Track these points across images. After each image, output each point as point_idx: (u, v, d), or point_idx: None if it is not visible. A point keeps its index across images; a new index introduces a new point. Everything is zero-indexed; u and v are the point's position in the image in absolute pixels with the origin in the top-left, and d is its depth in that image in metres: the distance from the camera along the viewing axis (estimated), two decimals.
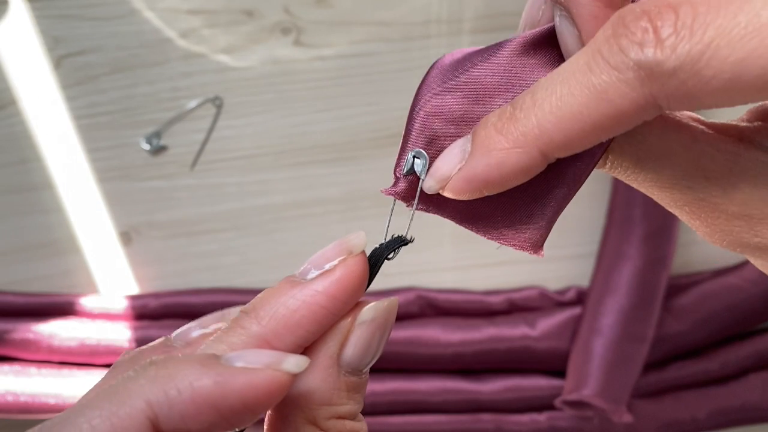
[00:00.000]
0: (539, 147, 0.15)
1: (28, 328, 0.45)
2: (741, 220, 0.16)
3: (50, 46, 0.46)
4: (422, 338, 0.44)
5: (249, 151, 0.46)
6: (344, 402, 0.17)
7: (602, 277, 0.43)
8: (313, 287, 0.17)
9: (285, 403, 0.16)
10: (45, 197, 0.47)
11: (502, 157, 0.16)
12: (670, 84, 0.14)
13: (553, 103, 0.15)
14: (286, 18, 0.45)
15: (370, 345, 0.17)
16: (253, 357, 0.15)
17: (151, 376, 0.14)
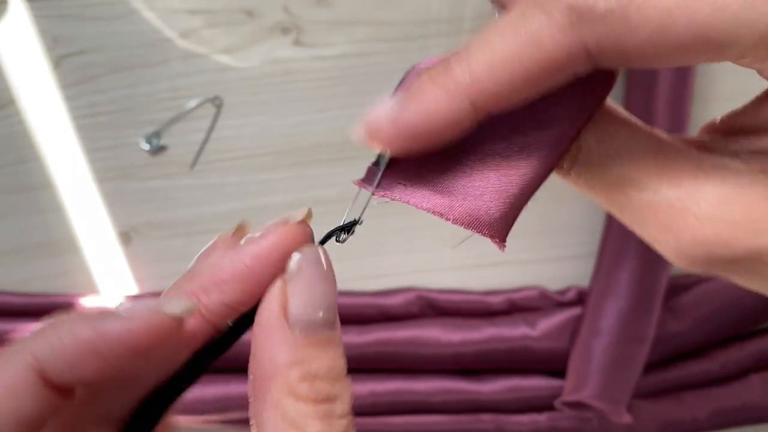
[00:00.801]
0: (470, 96, 0.15)
1: (28, 328, 0.45)
2: (714, 226, 0.15)
3: (50, 46, 0.45)
4: (422, 338, 0.44)
5: (249, 151, 0.46)
6: (311, 359, 0.16)
7: (603, 278, 0.43)
8: (241, 248, 0.17)
9: (259, 382, 0.16)
10: (44, 197, 0.47)
11: (431, 105, 0.15)
12: (599, 29, 0.14)
13: (486, 52, 0.15)
14: (286, 18, 0.45)
15: (311, 294, 0.16)
16: (139, 305, 0.16)
17: (38, 333, 0.15)
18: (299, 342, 0.16)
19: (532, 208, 0.53)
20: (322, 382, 0.16)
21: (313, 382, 0.16)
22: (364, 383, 0.44)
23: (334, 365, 0.16)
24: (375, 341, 0.44)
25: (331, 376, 0.16)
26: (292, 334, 0.16)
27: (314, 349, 0.16)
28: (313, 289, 0.16)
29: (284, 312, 0.16)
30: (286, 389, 0.16)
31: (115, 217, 0.47)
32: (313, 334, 0.16)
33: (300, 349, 0.16)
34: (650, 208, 0.16)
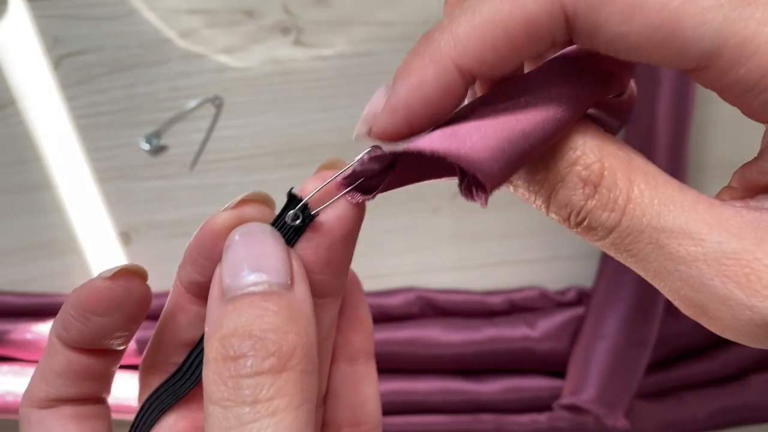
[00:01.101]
0: (454, 59, 0.15)
1: (28, 328, 0.45)
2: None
3: (50, 46, 0.46)
4: (422, 339, 0.44)
5: (249, 151, 0.46)
6: (228, 321, 0.15)
7: (606, 281, 0.43)
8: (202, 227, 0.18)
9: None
10: (44, 197, 0.47)
11: (420, 76, 0.15)
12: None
13: (470, 15, 0.15)
14: (285, 18, 0.45)
15: (235, 261, 0.16)
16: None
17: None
18: (221, 308, 0.16)
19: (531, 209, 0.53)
20: (230, 339, 0.15)
21: (221, 342, 0.15)
22: None
23: (249, 322, 0.15)
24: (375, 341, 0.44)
25: (243, 332, 0.15)
26: (221, 302, 0.16)
27: (234, 311, 0.16)
28: (237, 256, 0.16)
29: (219, 289, 0.16)
30: (205, 358, 0.16)
31: (115, 217, 0.47)
32: (234, 296, 0.16)
33: (220, 315, 0.16)
34: (712, 262, 0.14)
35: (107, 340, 0.18)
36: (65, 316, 0.18)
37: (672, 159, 0.42)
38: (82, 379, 0.18)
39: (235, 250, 0.17)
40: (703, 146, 0.47)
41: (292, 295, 0.16)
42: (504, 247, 0.47)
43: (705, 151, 0.47)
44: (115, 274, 0.17)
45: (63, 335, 0.18)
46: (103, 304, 0.17)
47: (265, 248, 0.16)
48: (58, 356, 0.18)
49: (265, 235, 0.17)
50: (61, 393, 0.18)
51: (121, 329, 0.18)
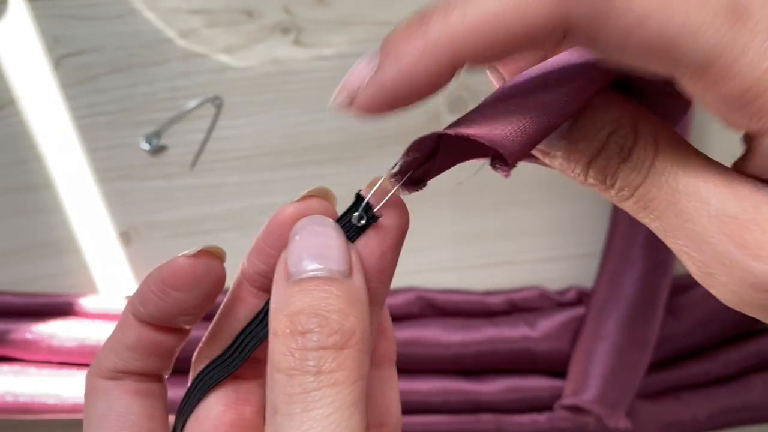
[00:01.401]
0: (448, 51, 0.15)
1: (28, 328, 0.45)
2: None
3: (50, 46, 0.46)
4: (422, 339, 0.44)
5: (249, 151, 0.47)
6: (294, 300, 0.17)
7: (607, 282, 0.43)
8: (269, 221, 0.20)
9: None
10: (44, 197, 0.47)
11: (412, 64, 0.15)
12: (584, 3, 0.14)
13: (470, 7, 0.15)
14: (286, 18, 0.45)
15: (302, 248, 0.18)
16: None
17: None
18: (288, 288, 0.17)
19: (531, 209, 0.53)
20: (298, 316, 0.17)
21: (290, 318, 0.17)
22: None
23: (315, 302, 0.17)
24: None
25: (309, 311, 0.17)
26: (287, 283, 0.18)
27: (300, 291, 0.17)
28: (303, 245, 0.18)
29: (285, 271, 0.18)
30: (272, 332, 0.17)
31: (115, 217, 0.47)
32: (299, 278, 0.17)
33: (288, 294, 0.17)
34: (714, 220, 0.16)
35: (181, 317, 0.20)
36: (144, 292, 0.19)
37: None
38: (150, 354, 0.20)
39: (301, 237, 0.18)
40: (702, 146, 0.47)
41: (351, 283, 0.18)
42: (504, 247, 0.47)
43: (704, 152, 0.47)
44: (197, 253, 0.19)
45: (139, 310, 0.20)
46: (184, 279, 0.19)
47: (329, 239, 0.18)
48: (131, 331, 0.20)
49: (329, 227, 0.19)
50: (129, 366, 0.20)
51: (196, 306, 0.20)
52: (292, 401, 0.16)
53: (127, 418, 0.20)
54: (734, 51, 0.14)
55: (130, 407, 0.20)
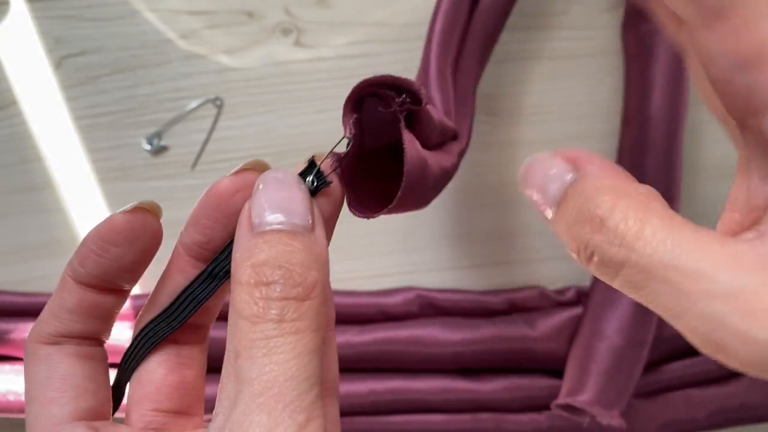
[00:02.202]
0: None
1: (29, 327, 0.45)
2: None
3: (51, 47, 0.46)
4: (422, 338, 0.44)
5: (249, 151, 0.47)
6: (259, 252, 0.18)
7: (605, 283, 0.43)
8: (208, 190, 0.21)
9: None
10: (46, 197, 0.47)
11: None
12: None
13: None
14: (286, 19, 0.46)
15: (266, 200, 0.19)
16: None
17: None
18: (252, 239, 0.18)
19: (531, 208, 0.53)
20: (263, 268, 0.17)
21: (254, 269, 0.17)
22: (364, 382, 0.44)
23: (279, 255, 0.17)
24: (375, 341, 0.44)
25: (274, 263, 0.17)
26: (251, 234, 0.18)
27: (264, 243, 0.18)
28: (268, 197, 0.19)
29: (248, 223, 0.18)
30: (235, 280, 0.18)
31: None
32: (263, 230, 0.18)
33: (251, 245, 0.18)
34: (728, 299, 0.15)
35: (120, 275, 0.20)
36: (83, 252, 0.20)
37: (665, 160, 0.42)
38: (90, 316, 0.20)
39: (265, 188, 0.19)
40: (696, 148, 0.47)
41: (314, 237, 0.18)
42: (503, 247, 0.48)
43: (698, 153, 0.47)
44: (134, 209, 0.20)
45: (78, 271, 0.20)
46: (121, 234, 0.20)
47: (292, 193, 0.19)
48: (71, 294, 0.20)
49: (293, 181, 0.19)
50: (69, 329, 0.20)
51: (134, 262, 0.20)
52: (254, 346, 0.17)
53: (71, 380, 0.20)
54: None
55: (72, 369, 0.20)
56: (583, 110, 0.46)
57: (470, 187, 0.47)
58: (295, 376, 0.16)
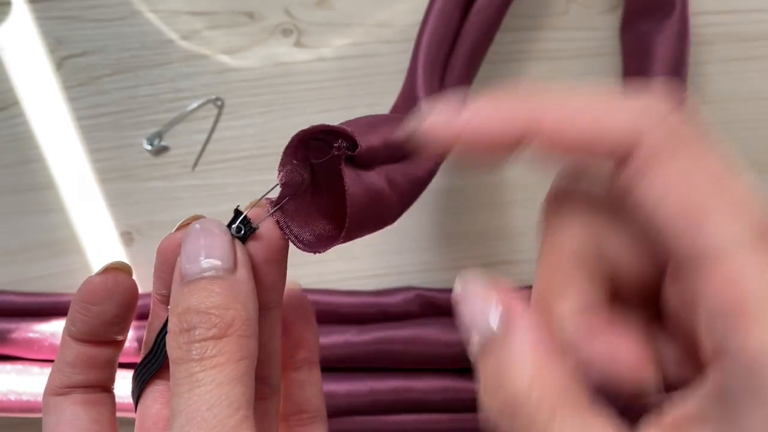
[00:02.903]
0: (528, 124, 0.17)
1: (30, 327, 0.45)
2: None
3: (52, 48, 0.46)
4: (422, 337, 0.44)
5: (250, 151, 0.47)
6: (184, 300, 0.20)
7: None
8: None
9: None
10: (47, 197, 0.47)
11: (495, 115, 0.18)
12: None
13: (569, 101, 0.17)
14: (286, 19, 0.46)
15: (188, 252, 0.21)
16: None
17: None
18: (179, 291, 0.20)
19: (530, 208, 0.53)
20: (185, 315, 0.20)
21: (179, 317, 0.20)
22: (363, 382, 0.44)
23: (198, 302, 0.20)
24: (375, 340, 0.44)
25: (193, 310, 0.19)
26: (180, 286, 0.20)
27: (187, 292, 0.20)
28: (189, 249, 0.21)
29: (179, 274, 0.21)
30: (169, 329, 0.20)
31: (117, 217, 0.47)
32: (189, 280, 0.20)
33: (178, 296, 0.20)
34: None
35: (106, 328, 0.23)
36: (72, 313, 0.22)
37: None
38: (90, 367, 0.23)
39: (188, 241, 0.21)
40: None
41: (234, 278, 0.20)
42: (503, 247, 0.48)
43: None
44: (104, 270, 0.23)
45: (71, 330, 0.23)
46: (98, 294, 0.22)
47: (214, 239, 0.21)
48: (69, 349, 0.23)
49: (213, 228, 0.21)
50: (72, 381, 0.23)
51: (117, 316, 0.23)
52: (180, 383, 0.19)
53: (76, 424, 0.22)
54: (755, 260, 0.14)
55: (77, 415, 0.23)
56: None
57: (470, 187, 0.47)
58: (216, 404, 0.18)
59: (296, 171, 0.24)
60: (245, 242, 0.22)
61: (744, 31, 0.46)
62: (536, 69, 0.46)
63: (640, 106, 0.16)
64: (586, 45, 0.46)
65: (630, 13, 0.45)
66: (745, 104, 0.47)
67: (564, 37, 0.46)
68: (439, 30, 0.40)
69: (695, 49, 0.46)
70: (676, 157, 0.15)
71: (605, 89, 0.16)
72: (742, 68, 0.46)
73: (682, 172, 0.15)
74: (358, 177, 0.24)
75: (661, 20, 0.43)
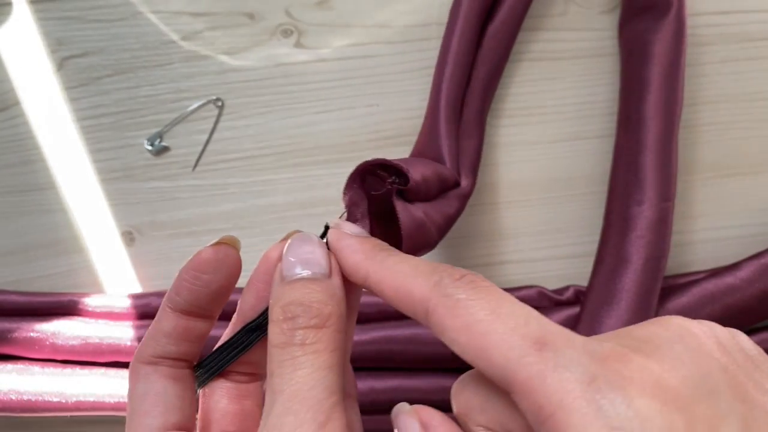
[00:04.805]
0: (363, 278, 0.23)
1: (32, 327, 0.45)
2: None
3: (53, 48, 0.46)
4: (422, 337, 0.44)
5: (250, 151, 0.47)
6: (286, 295, 0.22)
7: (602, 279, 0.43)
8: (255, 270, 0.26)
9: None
10: (48, 197, 0.47)
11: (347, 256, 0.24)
12: None
13: (384, 265, 0.23)
14: (287, 20, 0.46)
15: (290, 256, 0.23)
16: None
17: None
18: (281, 287, 0.23)
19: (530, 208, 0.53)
20: (289, 306, 0.22)
21: (282, 308, 0.22)
22: (364, 381, 0.44)
23: (301, 296, 0.22)
24: (375, 340, 0.44)
25: (297, 302, 0.22)
26: (282, 284, 0.23)
27: (290, 289, 0.22)
28: (294, 253, 0.23)
29: (279, 275, 0.23)
30: (271, 319, 0.22)
31: (118, 217, 0.47)
32: (289, 279, 0.23)
33: (281, 291, 0.22)
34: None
35: (210, 299, 0.24)
36: (178, 283, 0.24)
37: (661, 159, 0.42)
38: (183, 339, 0.24)
39: (291, 247, 0.23)
40: (692, 147, 0.47)
41: (330, 281, 0.23)
42: (503, 247, 0.48)
43: (694, 153, 0.47)
44: (217, 243, 0.24)
45: (174, 299, 0.24)
46: (210, 264, 0.24)
47: (313, 247, 0.23)
48: (168, 320, 0.24)
49: (314, 239, 0.24)
50: (166, 351, 0.24)
51: (221, 287, 0.24)
52: (284, 365, 0.21)
53: (163, 397, 0.24)
54: (534, 372, 0.17)
55: (166, 389, 0.24)
56: (581, 111, 0.47)
57: None
58: (316, 386, 0.20)
59: (358, 194, 0.27)
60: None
61: (744, 31, 0.46)
62: (536, 69, 0.46)
63: (428, 276, 0.21)
64: (585, 45, 0.46)
65: (627, 13, 0.45)
66: (745, 105, 0.47)
67: (563, 37, 0.46)
68: (457, 73, 0.42)
69: (695, 50, 0.46)
70: (451, 312, 0.20)
71: (413, 260, 0.22)
72: (741, 69, 0.47)
73: (460, 320, 0.19)
74: (406, 208, 0.28)
75: (658, 19, 0.43)
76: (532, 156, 0.47)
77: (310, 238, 0.24)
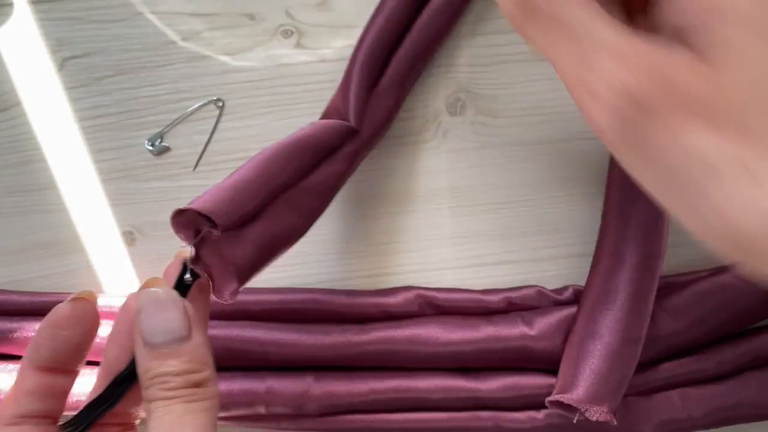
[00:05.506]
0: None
1: (32, 327, 0.45)
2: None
3: (54, 49, 0.46)
4: (422, 337, 0.44)
5: (250, 152, 0.47)
6: (156, 367, 0.23)
7: (599, 278, 0.43)
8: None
9: (140, 377, 0.24)
10: (49, 197, 0.47)
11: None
12: None
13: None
14: (287, 21, 0.46)
15: (147, 325, 0.24)
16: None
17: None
18: (146, 355, 0.23)
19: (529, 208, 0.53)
20: (160, 377, 0.23)
21: (152, 379, 0.23)
22: (364, 381, 0.44)
23: (170, 368, 0.23)
24: (375, 340, 0.44)
25: (168, 374, 0.23)
26: (149, 351, 0.23)
27: (157, 363, 0.23)
28: (148, 321, 0.24)
29: (141, 340, 0.24)
30: (143, 385, 0.24)
31: (119, 217, 0.48)
32: (151, 346, 0.23)
33: (146, 361, 0.23)
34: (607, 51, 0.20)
35: (71, 355, 0.25)
36: (37, 340, 0.24)
37: None
38: (47, 396, 0.25)
39: (147, 315, 0.24)
40: None
41: (191, 343, 0.24)
42: (502, 246, 0.48)
43: None
44: (74, 299, 0.25)
45: (34, 357, 0.24)
46: (67, 320, 0.24)
47: (168, 312, 0.24)
48: (30, 378, 0.24)
49: (168, 301, 0.24)
50: (27, 410, 0.24)
51: (80, 343, 0.25)
52: (163, 420, 0.22)
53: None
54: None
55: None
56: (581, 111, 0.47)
57: (469, 188, 0.47)
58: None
59: (188, 236, 0.28)
60: (192, 285, 0.26)
61: None
62: (534, 70, 0.46)
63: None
64: None
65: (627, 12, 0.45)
66: None
67: None
68: (384, 32, 0.42)
69: None
70: None
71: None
72: None
73: None
74: (219, 251, 0.28)
75: None
76: (531, 156, 0.47)
77: (164, 302, 0.24)
